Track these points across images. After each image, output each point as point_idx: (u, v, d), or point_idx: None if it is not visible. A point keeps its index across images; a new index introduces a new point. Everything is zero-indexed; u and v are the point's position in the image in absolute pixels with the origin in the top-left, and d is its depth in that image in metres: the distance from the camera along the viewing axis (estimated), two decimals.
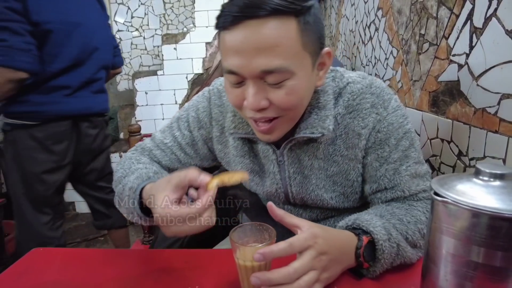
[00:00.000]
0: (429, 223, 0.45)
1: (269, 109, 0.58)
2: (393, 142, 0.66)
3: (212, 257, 0.68)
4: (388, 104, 0.66)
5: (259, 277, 0.48)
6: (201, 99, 0.80)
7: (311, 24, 0.56)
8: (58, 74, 1.33)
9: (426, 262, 0.46)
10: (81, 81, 1.39)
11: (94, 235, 2.46)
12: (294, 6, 0.53)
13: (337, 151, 0.69)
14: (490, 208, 0.37)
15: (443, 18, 0.89)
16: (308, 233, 0.51)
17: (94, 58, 1.43)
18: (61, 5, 1.31)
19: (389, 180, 0.67)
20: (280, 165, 0.72)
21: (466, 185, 0.41)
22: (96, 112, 1.49)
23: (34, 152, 1.34)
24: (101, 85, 1.51)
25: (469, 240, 0.39)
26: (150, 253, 0.74)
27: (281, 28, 0.53)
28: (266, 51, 0.53)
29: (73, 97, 1.38)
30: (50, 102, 1.33)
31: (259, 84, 0.56)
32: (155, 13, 3.29)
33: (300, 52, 0.56)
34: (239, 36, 0.53)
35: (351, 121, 0.67)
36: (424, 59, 1.00)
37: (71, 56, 1.35)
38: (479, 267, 0.39)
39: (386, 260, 0.56)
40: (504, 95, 0.68)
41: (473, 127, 0.78)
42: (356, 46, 1.79)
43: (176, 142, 0.80)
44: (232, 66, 0.56)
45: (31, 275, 0.64)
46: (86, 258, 0.71)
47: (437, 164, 0.94)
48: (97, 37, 1.45)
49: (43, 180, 1.40)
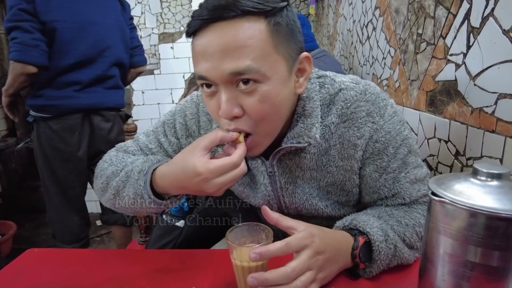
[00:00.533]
0: (427, 223, 0.45)
1: (243, 119, 0.55)
2: (391, 151, 0.64)
3: (209, 257, 0.67)
4: (384, 111, 0.63)
5: (256, 278, 0.47)
6: (189, 104, 0.75)
7: (284, 26, 0.54)
8: (68, 70, 1.44)
9: (424, 262, 0.46)
10: (92, 77, 1.48)
11: (90, 236, 2.44)
12: (263, 6, 0.51)
13: (331, 162, 0.66)
14: (488, 208, 0.37)
15: (441, 17, 0.89)
16: (305, 232, 0.50)
17: (106, 56, 1.52)
18: (71, 6, 1.43)
19: (388, 189, 0.65)
20: (271, 176, 0.69)
21: (464, 185, 0.41)
22: (108, 107, 1.57)
23: (53, 141, 1.50)
24: (115, 82, 1.59)
25: (467, 240, 0.39)
26: (146, 254, 0.74)
27: (249, 29, 0.51)
28: (234, 52, 0.51)
29: (83, 92, 1.48)
30: (62, 96, 1.45)
31: (231, 90, 0.54)
32: (151, 12, 3.28)
33: (271, 55, 0.53)
34: (207, 40, 0.52)
35: (345, 130, 0.64)
36: (422, 59, 1.00)
37: (80, 53, 1.44)
38: (476, 267, 0.39)
39: (382, 261, 0.56)
40: (501, 94, 0.68)
41: (470, 127, 0.78)
42: (354, 45, 1.80)
43: (162, 148, 0.75)
44: (201, 71, 0.54)
45: (26, 276, 0.63)
46: (82, 258, 0.70)
47: (434, 163, 0.94)
48: (110, 35, 1.54)
49: (64, 167, 1.55)
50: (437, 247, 0.43)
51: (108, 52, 1.53)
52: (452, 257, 0.41)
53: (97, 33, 1.49)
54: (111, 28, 1.56)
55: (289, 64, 0.56)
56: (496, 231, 0.37)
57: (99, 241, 2.43)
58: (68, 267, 0.66)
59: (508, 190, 0.39)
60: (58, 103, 1.46)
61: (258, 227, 0.56)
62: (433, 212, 0.43)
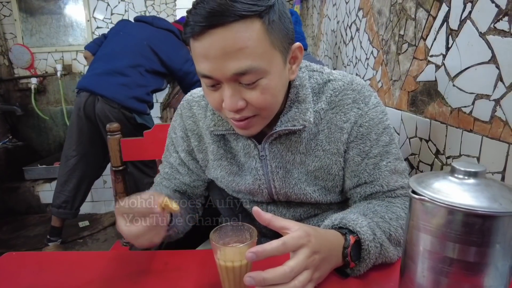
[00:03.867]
0: (407, 221, 0.46)
1: (246, 109, 0.61)
2: (373, 137, 0.68)
3: (192, 258, 0.67)
4: (369, 100, 0.69)
5: (254, 277, 0.46)
6: (176, 118, 0.83)
7: (277, 22, 0.57)
8: (98, 57, 1.95)
9: (404, 259, 0.47)
10: (108, 68, 1.85)
11: (72, 237, 2.39)
12: (257, 8, 0.54)
13: (319, 146, 0.70)
14: (465, 205, 0.38)
15: (421, 19, 0.91)
16: (301, 231, 0.50)
17: (123, 60, 1.87)
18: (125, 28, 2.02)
19: (369, 174, 0.69)
20: (262, 160, 0.73)
21: (442, 183, 0.42)
22: (110, 97, 1.83)
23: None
24: (126, 81, 1.85)
25: (445, 236, 0.40)
26: (129, 255, 0.73)
27: (246, 31, 0.54)
28: (235, 54, 0.54)
29: (96, 76, 1.86)
30: (84, 76, 1.97)
31: (234, 86, 0.58)
32: (135, 10, 3.22)
33: (269, 51, 0.57)
34: (207, 44, 0.55)
35: (333, 116, 0.69)
36: (403, 60, 1.02)
37: (105, 51, 1.96)
38: (454, 262, 0.40)
39: (370, 260, 0.57)
40: (478, 95, 0.70)
41: (449, 126, 0.80)
42: (337, 46, 1.82)
43: (174, 169, 0.85)
44: (205, 71, 0.57)
45: (4, 281, 0.61)
46: (63, 261, 0.69)
47: (415, 162, 0.96)
48: (135, 51, 1.89)
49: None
50: (417, 244, 0.44)
51: (129, 58, 1.97)
52: (431, 254, 0.42)
53: (126, 43, 2.03)
54: (144, 43, 2.00)
55: (284, 55, 0.60)
56: (472, 228, 0.38)
57: (82, 243, 2.37)
58: (49, 270, 0.64)
59: (484, 187, 0.40)
60: (80, 81, 2.03)
61: (242, 226, 0.56)
62: (413, 210, 0.44)
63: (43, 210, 2.83)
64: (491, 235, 0.38)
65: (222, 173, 0.77)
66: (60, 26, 3.18)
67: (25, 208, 2.82)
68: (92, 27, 3.19)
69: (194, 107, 0.79)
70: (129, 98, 1.85)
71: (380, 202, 0.68)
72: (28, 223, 2.68)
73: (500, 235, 0.38)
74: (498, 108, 0.65)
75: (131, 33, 1.94)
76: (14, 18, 3.10)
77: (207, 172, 0.82)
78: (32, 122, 3.23)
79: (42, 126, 3.27)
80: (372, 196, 0.71)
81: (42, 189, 2.80)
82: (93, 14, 3.19)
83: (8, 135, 3.07)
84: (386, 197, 0.70)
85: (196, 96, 0.80)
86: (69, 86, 3.23)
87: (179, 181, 0.84)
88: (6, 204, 2.77)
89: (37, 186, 2.80)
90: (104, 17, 3.21)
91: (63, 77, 3.15)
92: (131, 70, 1.85)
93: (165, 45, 1.92)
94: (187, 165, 0.83)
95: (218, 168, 0.78)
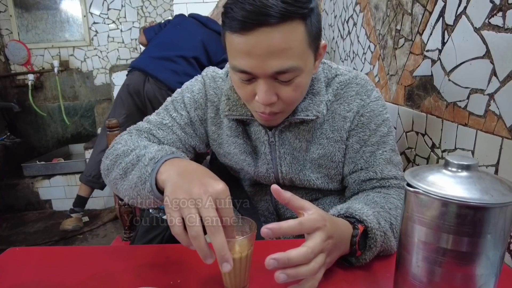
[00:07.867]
0: (402, 213, 0.47)
1: (276, 103, 0.64)
2: (373, 127, 0.73)
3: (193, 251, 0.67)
4: (371, 93, 0.74)
5: (278, 259, 0.44)
6: (195, 83, 0.82)
7: (314, 24, 0.60)
8: (155, 44, 2.12)
9: (400, 251, 0.48)
10: (162, 54, 2.02)
11: (72, 233, 2.40)
12: (302, 10, 0.56)
13: (323, 134, 0.75)
14: (457, 197, 0.39)
15: (417, 14, 0.92)
16: (317, 215, 0.49)
17: (177, 50, 2.04)
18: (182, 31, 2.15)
19: (365, 161, 0.73)
20: (271, 145, 0.76)
21: (436, 176, 0.43)
22: (161, 79, 1.98)
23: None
24: (177, 68, 2.01)
25: (439, 228, 0.41)
26: (130, 249, 0.74)
27: (291, 33, 0.56)
28: (279, 54, 0.57)
29: (150, 58, 2.04)
30: (138, 58, 2.16)
31: (270, 81, 0.61)
32: (132, 5, 3.21)
33: (306, 51, 0.61)
34: (251, 41, 0.56)
35: (338, 106, 0.74)
36: (400, 54, 1.03)
37: (162, 39, 2.13)
38: (448, 252, 0.42)
39: (376, 248, 0.57)
40: (472, 90, 0.71)
41: (445, 121, 0.81)
42: (335, 40, 1.82)
43: (176, 122, 0.79)
44: (245, 67, 0.59)
45: (7, 276, 0.62)
46: (65, 256, 0.69)
47: (412, 156, 0.98)
48: (190, 45, 2.06)
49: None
50: (412, 235, 0.45)
51: (180, 49, 2.11)
52: (425, 245, 0.43)
53: (181, 37, 2.19)
54: (193, 42, 2.18)
55: (314, 54, 0.65)
56: (465, 219, 0.40)
57: (82, 239, 2.39)
58: (51, 265, 0.65)
59: (476, 180, 0.41)
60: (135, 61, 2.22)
61: (242, 220, 0.57)
62: (408, 203, 0.45)
63: (43, 207, 2.84)
64: (483, 226, 0.39)
65: (236, 151, 0.79)
66: (56, 21, 3.16)
67: (25, 205, 2.82)
68: (88, 22, 3.18)
69: (219, 82, 0.81)
70: (177, 83, 1.97)
71: (377, 194, 0.70)
72: (27, 220, 2.69)
73: (491, 225, 0.39)
74: (492, 102, 0.66)
75: (187, 28, 2.14)
76: (9, 13, 3.07)
77: (216, 146, 0.83)
78: (30, 119, 3.23)
79: (40, 123, 3.26)
80: (366, 184, 0.73)
81: (41, 186, 2.81)
82: (89, 9, 3.17)
83: (6, 132, 3.07)
84: (380, 186, 0.72)
85: (220, 76, 0.82)
86: (66, 82, 3.22)
87: (176, 137, 0.78)
88: (6, 201, 2.78)
89: (36, 183, 2.80)
90: (101, 12, 3.19)
91: (60, 73, 3.14)
92: (181, 60, 2.03)
93: (215, 44, 2.13)
94: (194, 128, 0.80)
95: (232, 145, 0.79)
